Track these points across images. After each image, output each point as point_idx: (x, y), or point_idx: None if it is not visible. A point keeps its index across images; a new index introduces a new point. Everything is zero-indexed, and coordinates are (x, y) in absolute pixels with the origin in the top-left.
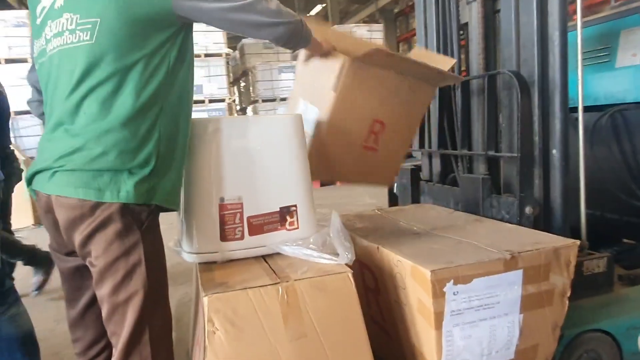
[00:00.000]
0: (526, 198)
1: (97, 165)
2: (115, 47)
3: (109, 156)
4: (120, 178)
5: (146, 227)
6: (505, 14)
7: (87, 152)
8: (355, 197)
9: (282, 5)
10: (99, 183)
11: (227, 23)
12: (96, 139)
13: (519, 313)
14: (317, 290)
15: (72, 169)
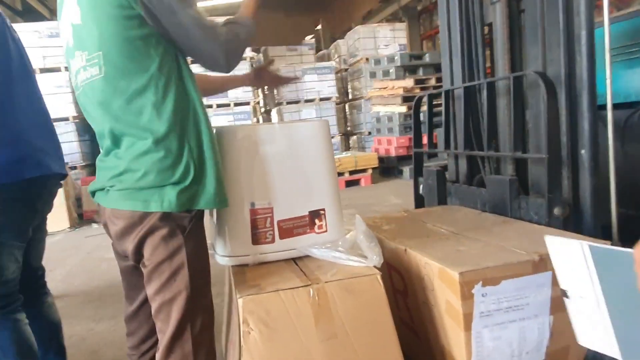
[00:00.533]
0: (555, 199)
1: (141, 184)
2: (122, 75)
3: (149, 176)
4: (163, 191)
5: (189, 232)
6: (530, 13)
7: (131, 174)
8: (380, 198)
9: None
10: (145, 196)
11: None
12: (136, 161)
13: (549, 314)
14: (346, 292)
15: (121, 188)
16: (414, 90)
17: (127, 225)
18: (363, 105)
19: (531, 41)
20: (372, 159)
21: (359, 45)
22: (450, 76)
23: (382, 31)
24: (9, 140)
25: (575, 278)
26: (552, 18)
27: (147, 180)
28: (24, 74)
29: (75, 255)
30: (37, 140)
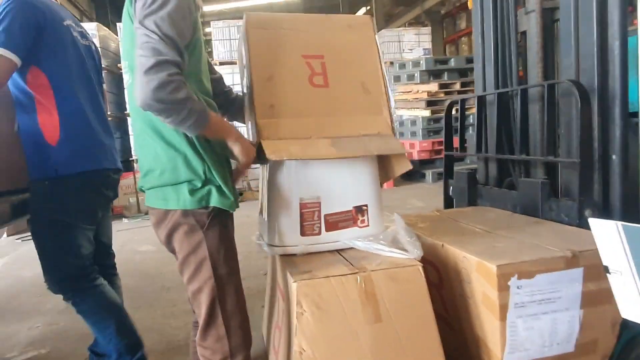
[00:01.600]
0: (586, 201)
1: (161, 182)
2: None
3: (165, 174)
4: (179, 189)
5: (208, 227)
6: (564, 24)
7: (152, 173)
8: (403, 201)
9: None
10: (165, 194)
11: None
12: (154, 162)
13: (579, 308)
14: (391, 281)
15: (148, 187)
16: (438, 94)
17: (157, 221)
18: None
19: (565, 51)
20: None
21: (383, 49)
22: (482, 82)
23: (406, 35)
24: (80, 135)
25: (614, 255)
26: (585, 29)
27: (164, 178)
28: (85, 76)
29: None
30: (101, 136)
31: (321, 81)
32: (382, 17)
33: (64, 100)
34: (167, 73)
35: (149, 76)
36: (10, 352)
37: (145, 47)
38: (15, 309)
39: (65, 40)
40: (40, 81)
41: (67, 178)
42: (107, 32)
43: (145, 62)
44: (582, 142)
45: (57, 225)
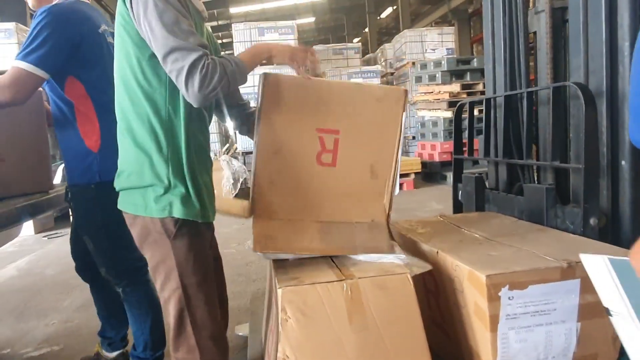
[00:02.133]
0: (591, 209)
1: (129, 184)
2: None
3: (132, 176)
4: (145, 194)
5: (175, 237)
6: (573, 24)
7: (122, 175)
8: (422, 203)
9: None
10: (133, 198)
11: None
12: (125, 163)
13: (576, 321)
14: (378, 289)
15: (119, 189)
16: (460, 95)
17: (129, 224)
18: (408, 110)
19: (574, 51)
20: (414, 163)
21: (405, 49)
22: (493, 84)
23: (429, 35)
24: (110, 143)
25: (610, 294)
26: (595, 29)
27: (131, 180)
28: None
29: None
30: None
31: (329, 159)
32: (408, 16)
33: (103, 110)
34: (199, 70)
35: (188, 85)
36: (25, 348)
37: (170, 57)
38: (35, 306)
39: (101, 49)
40: (79, 91)
41: (107, 183)
42: None
43: (176, 72)
44: (586, 148)
45: (110, 224)
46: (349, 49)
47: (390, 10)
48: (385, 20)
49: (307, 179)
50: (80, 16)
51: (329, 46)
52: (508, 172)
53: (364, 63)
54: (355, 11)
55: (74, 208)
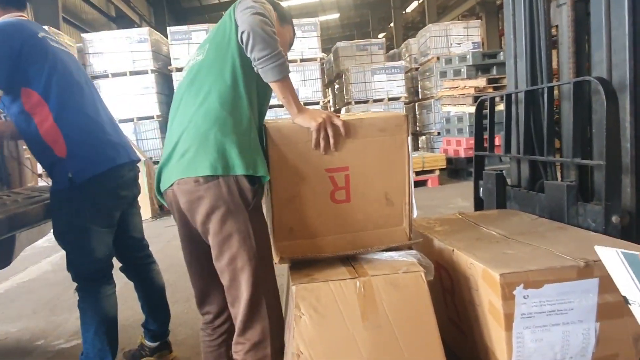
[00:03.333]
0: (613, 206)
1: (202, 144)
2: None
3: (211, 133)
4: (225, 150)
5: (252, 205)
6: (595, 17)
7: (185, 141)
8: (446, 200)
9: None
10: (208, 158)
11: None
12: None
13: (595, 321)
14: (391, 286)
15: (181, 156)
16: (486, 90)
17: (194, 193)
18: (433, 105)
19: (596, 45)
20: (439, 159)
21: (430, 44)
22: (514, 79)
23: (455, 29)
24: (86, 140)
25: (627, 284)
26: (617, 21)
27: (208, 138)
28: (75, 81)
29: (157, 243)
30: (108, 135)
31: (343, 196)
32: (435, 10)
33: (62, 113)
34: (265, 24)
35: (259, 16)
36: (57, 339)
37: (251, 8)
38: (68, 299)
39: (45, 52)
40: (34, 99)
41: (82, 184)
42: (158, 36)
43: (254, 6)
44: (608, 143)
45: (73, 229)
46: (373, 45)
47: (416, 4)
48: (411, 14)
49: (324, 219)
50: (13, 28)
51: (353, 42)
52: (530, 169)
53: (389, 59)
54: (381, 6)
55: (53, 214)
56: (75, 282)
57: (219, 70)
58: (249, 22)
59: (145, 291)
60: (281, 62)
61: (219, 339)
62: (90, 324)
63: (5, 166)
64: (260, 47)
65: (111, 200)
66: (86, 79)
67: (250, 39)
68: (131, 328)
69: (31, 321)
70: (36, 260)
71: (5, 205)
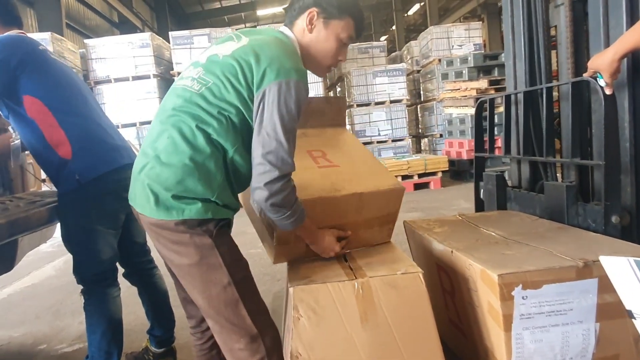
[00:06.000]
0: (612, 206)
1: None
2: None
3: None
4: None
5: (216, 235)
6: (593, 16)
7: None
8: (449, 202)
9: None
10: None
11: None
12: (171, 169)
13: (594, 321)
14: (389, 287)
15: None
16: (488, 91)
17: (163, 231)
18: (435, 107)
19: (594, 45)
20: (442, 162)
21: (431, 46)
22: (514, 80)
23: (456, 31)
24: (90, 142)
25: (635, 296)
26: (615, 20)
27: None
28: (76, 88)
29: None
30: (110, 139)
31: (327, 163)
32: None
33: (65, 117)
34: (285, 182)
35: (268, 188)
36: (60, 344)
37: (271, 153)
38: (71, 304)
39: (46, 62)
40: (37, 107)
41: (88, 185)
42: (160, 41)
43: (268, 171)
44: (606, 143)
45: (80, 230)
46: (375, 47)
47: (418, 7)
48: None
49: (318, 177)
50: (14, 40)
51: (354, 45)
52: (530, 169)
53: (390, 61)
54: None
55: (60, 217)
56: (81, 285)
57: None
58: (259, 198)
59: (149, 296)
60: (293, 219)
61: (209, 342)
62: (96, 326)
63: (7, 171)
64: (274, 215)
65: (116, 202)
66: (87, 89)
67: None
68: (134, 333)
69: (34, 326)
70: (40, 265)
71: (7, 209)
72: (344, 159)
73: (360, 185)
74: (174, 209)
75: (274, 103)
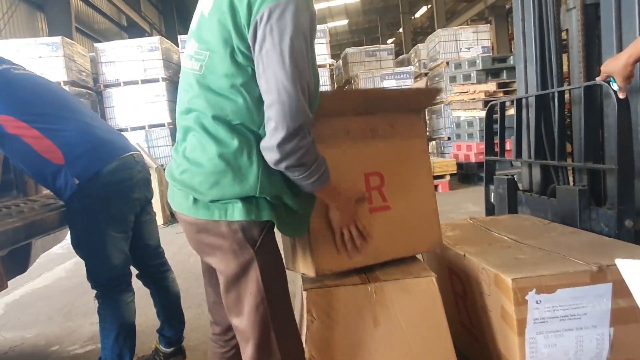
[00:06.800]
0: (626, 210)
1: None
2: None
3: (210, 176)
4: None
5: (260, 244)
6: (605, 20)
7: (186, 172)
8: (457, 205)
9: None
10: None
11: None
12: (196, 160)
13: (609, 326)
14: (402, 291)
15: (182, 187)
16: (496, 94)
17: (199, 232)
18: (443, 110)
19: (607, 48)
20: (450, 165)
21: (439, 49)
22: (525, 83)
23: (464, 33)
24: (81, 142)
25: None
26: (628, 25)
27: (208, 180)
28: (52, 95)
29: (168, 249)
30: (97, 135)
31: (380, 204)
32: (443, 15)
33: (45, 126)
34: (299, 140)
35: (280, 150)
36: (72, 345)
37: (274, 105)
38: (82, 305)
39: (9, 82)
40: (13, 123)
41: (87, 185)
42: (169, 45)
43: (275, 129)
44: (619, 147)
45: (89, 236)
46: (382, 50)
47: (425, 10)
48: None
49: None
50: None
51: (362, 48)
52: (541, 173)
53: (398, 64)
54: (389, 12)
55: (69, 224)
56: (95, 290)
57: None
58: (270, 160)
59: (161, 299)
60: (314, 180)
61: (232, 351)
62: (110, 330)
63: (21, 174)
64: (291, 174)
65: (122, 203)
66: (63, 91)
67: (280, 139)
68: (144, 334)
69: (46, 327)
70: (51, 267)
71: (22, 212)
72: (400, 193)
73: (397, 248)
74: (215, 208)
75: (270, 35)
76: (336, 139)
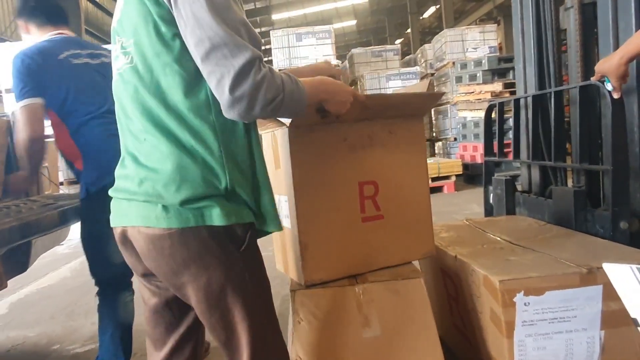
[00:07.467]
0: (621, 212)
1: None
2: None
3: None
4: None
5: (245, 248)
6: (602, 19)
7: (145, 182)
8: (462, 206)
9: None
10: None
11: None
12: (154, 166)
13: (599, 329)
14: (390, 293)
15: (145, 199)
16: (502, 94)
17: (162, 247)
18: (449, 111)
19: (604, 48)
20: (455, 165)
21: (445, 49)
22: (524, 83)
23: (470, 34)
24: (100, 155)
25: (639, 304)
26: (625, 24)
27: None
28: (102, 98)
29: None
30: (114, 145)
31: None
32: (452, 15)
33: (78, 129)
34: (254, 72)
35: (240, 93)
36: (73, 344)
37: (213, 51)
38: (85, 304)
39: (60, 74)
40: (54, 119)
41: (96, 194)
42: None
43: (222, 74)
44: (614, 148)
45: (92, 235)
46: (388, 51)
47: (433, 10)
48: (428, 20)
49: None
50: (34, 49)
51: (368, 49)
52: (540, 174)
53: (404, 64)
54: (397, 12)
55: (80, 219)
56: (97, 286)
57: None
58: (242, 113)
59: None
60: (295, 99)
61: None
62: (106, 328)
63: None
64: (274, 113)
65: None
66: (107, 88)
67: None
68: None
69: (49, 326)
70: (56, 266)
71: (20, 212)
72: (394, 202)
73: (389, 257)
74: (189, 213)
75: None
76: (332, 147)
